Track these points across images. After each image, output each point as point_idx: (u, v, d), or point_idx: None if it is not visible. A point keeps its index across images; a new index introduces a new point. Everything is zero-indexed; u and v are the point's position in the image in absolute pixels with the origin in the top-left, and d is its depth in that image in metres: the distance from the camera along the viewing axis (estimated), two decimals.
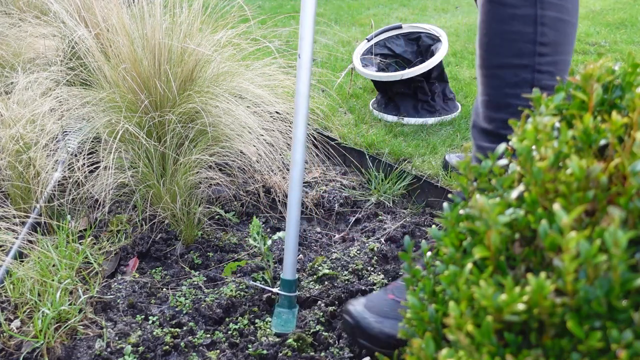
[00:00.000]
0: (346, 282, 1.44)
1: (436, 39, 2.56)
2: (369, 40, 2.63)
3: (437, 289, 0.72)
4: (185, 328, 1.28)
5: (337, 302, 1.35)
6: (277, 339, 1.24)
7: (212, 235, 1.64)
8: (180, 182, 1.55)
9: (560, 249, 0.56)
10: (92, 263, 1.45)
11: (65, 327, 1.23)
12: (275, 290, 1.32)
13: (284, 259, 1.31)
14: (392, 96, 2.44)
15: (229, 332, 1.28)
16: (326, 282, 1.43)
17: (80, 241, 1.51)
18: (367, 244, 1.60)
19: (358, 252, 1.57)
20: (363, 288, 1.40)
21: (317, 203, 1.82)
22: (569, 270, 0.54)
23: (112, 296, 1.37)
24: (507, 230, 0.64)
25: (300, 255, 1.57)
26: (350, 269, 1.48)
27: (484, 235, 0.63)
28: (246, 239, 1.65)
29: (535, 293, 0.54)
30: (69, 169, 1.65)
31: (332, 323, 1.31)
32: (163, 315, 1.33)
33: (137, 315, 1.32)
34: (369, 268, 1.50)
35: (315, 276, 1.46)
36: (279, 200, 1.79)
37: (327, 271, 1.46)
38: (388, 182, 1.89)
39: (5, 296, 1.32)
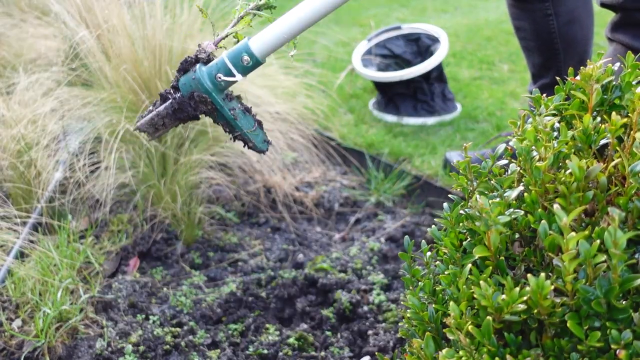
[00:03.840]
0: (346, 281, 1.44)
1: (436, 40, 2.56)
2: (368, 41, 2.64)
3: (437, 289, 0.73)
4: (185, 327, 1.28)
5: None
6: (277, 338, 1.25)
7: (212, 235, 1.64)
8: (180, 182, 1.55)
9: (560, 249, 0.56)
10: (93, 263, 1.45)
11: (66, 327, 1.24)
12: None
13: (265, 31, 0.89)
14: (391, 96, 2.44)
15: (230, 332, 1.28)
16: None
17: (81, 241, 1.51)
18: (367, 244, 1.60)
19: (358, 251, 1.57)
20: (363, 287, 1.40)
21: (317, 203, 1.82)
22: (569, 270, 0.54)
23: (112, 296, 1.37)
24: (507, 230, 0.65)
25: (300, 254, 1.57)
26: (350, 268, 1.48)
27: (484, 235, 0.63)
28: (246, 238, 1.65)
29: (535, 293, 0.55)
30: (70, 169, 1.65)
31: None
32: (164, 314, 1.33)
33: (138, 315, 1.32)
34: (368, 267, 1.50)
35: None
36: (279, 200, 1.79)
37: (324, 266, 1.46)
38: (388, 182, 1.89)
39: (7, 296, 1.32)
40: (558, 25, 1.67)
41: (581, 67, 0.71)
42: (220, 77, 0.88)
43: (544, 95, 0.76)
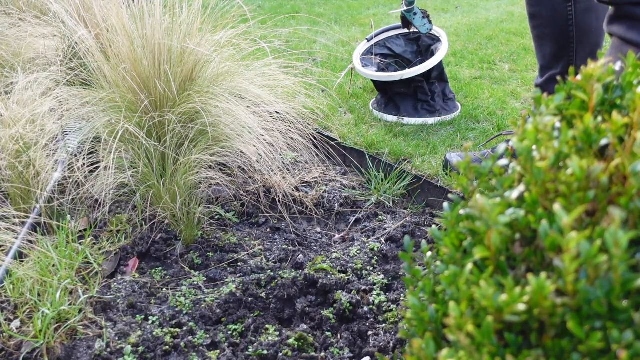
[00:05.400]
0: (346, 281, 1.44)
1: (436, 39, 2.56)
2: (368, 40, 2.63)
3: (438, 289, 0.72)
4: (185, 328, 1.28)
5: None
6: (277, 339, 1.24)
7: (212, 235, 1.63)
8: (180, 182, 1.55)
9: (561, 249, 0.56)
10: (92, 263, 1.45)
11: (65, 327, 1.23)
12: None
13: None
14: (392, 96, 2.44)
15: (229, 332, 1.28)
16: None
17: (80, 241, 1.50)
18: (367, 244, 1.60)
19: (358, 252, 1.57)
20: (363, 288, 1.40)
21: (317, 203, 1.82)
22: (570, 270, 0.54)
23: (112, 296, 1.37)
24: (508, 231, 0.64)
25: (300, 255, 1.57)
26: (350, 269, 1.48)
27: (485, 236, 0.63)
28: (246, 239, 1.65)
29: (535, 293, 0.54)
30: (69, 169, 1.65)
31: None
32: (163, 315, 1.33)
33: (137, 316, 1.32)
34: (368, 268, 1.50)
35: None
36: (279, 200, 1.79)
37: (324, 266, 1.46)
38: (388, 182, 1.89)
39: (5, 296, 1.31)
40: (576, 13, 1.68)
41: (581, 67, 0.71)
42: None
43: (545, 94, 0.75)
